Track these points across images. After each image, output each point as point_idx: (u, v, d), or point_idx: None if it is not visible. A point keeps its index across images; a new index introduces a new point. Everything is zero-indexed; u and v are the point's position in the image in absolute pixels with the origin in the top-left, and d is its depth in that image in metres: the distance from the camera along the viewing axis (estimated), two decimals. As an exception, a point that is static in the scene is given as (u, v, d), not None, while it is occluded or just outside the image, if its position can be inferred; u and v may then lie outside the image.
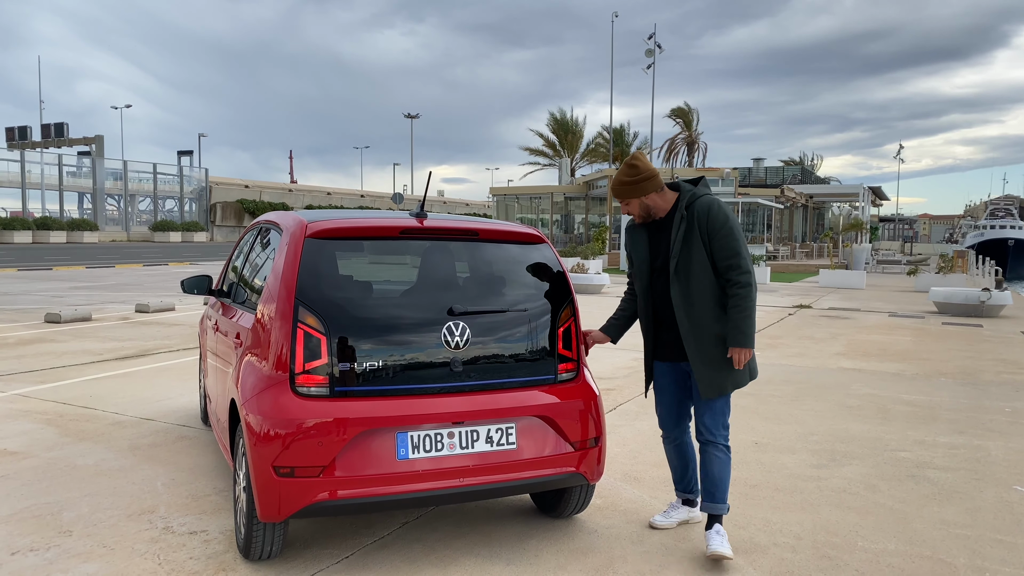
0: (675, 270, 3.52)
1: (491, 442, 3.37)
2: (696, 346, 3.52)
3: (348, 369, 3.21)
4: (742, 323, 3.47)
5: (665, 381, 3.81)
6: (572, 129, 54.64)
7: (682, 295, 3.52)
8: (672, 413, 3.83)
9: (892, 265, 34.04)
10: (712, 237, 3.48)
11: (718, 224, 3.48)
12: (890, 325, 12.85)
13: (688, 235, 3.51)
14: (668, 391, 3.80)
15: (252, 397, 3.26)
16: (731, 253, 3.47)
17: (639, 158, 3.64)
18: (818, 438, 5.65)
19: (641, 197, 3.59)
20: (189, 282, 4.97)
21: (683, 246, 3.51)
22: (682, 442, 3.86)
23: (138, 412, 5.94)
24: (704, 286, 3.50)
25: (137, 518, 3.89)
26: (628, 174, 3.59)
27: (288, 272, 3.30)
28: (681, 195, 3.61)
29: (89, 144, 54.72)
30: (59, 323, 10.83)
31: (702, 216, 3.50)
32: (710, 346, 3.51)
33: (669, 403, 3.82)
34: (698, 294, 3.50)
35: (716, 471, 3.59)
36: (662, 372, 3.80)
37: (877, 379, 8.01)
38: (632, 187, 3.58)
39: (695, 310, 3.51)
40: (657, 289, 3.67)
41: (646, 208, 3.62)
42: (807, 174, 57.46)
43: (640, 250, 3.72)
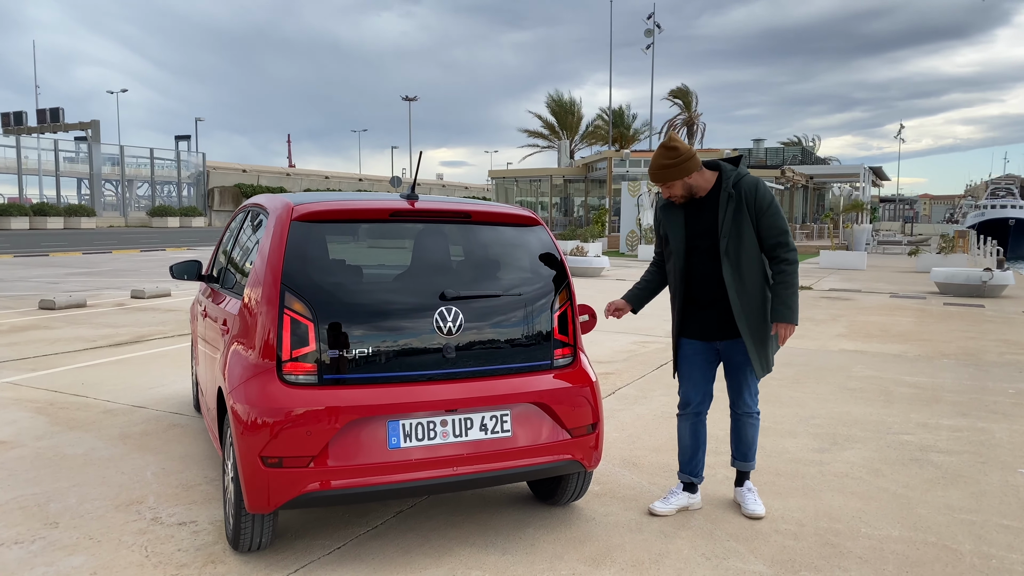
0: (725, 250, 3.55)
1: (485, 430, 3.28)
2: (749, 324, 3.58)
3: (337, 356, 3.12)
4: (789, 299, 3.55)
5: (697, 359, 3.82)
6: (571, 111, 54.32)
7: (734, 274, 3.56)
8: (699, 390, 3.84)
9: (893, 246, 33.90)
10: (760, 216, 3.54)
11: (765, 203, 3.54)
12: (891, 306, 12.76)
13: (737, 214, 3.55)
14: (699, 368, 3.82)
15: (238, 385, 3.17)
16: (779, 231, 3.56)
17: (676, 140, 3.61)
18: (819, 421, 5.57)
19: (684, 178, 3.57)
20: (178, 267, 4.87)
21: (733, 225, 3.54)
22: (700, 422, 3.89)
23: (130, 400, 5.85)
24: (754, 264, 3.57)
25: (125, 509, 3.81)
26: (669, 157, 3.55)
27: (274, 257, 3.20)
28: (723, 174, 3.62)
29: (85, 129, 54.41)
30: (53, 309, 10.73)
31: (750, 195, 3.55)
32: (761, 323, 3.60)
33: (698, 380, 3.83)
34: (748, 272, 3.57)
35: (750, 436, 3.87)
36: (693, 350, 3.82)
37: (879, 361, 7.93)
38: (674, 169, 3.55)
39: (746, 288, 3.57)
40: (695, 268, 3.69)
41: (688, 188, 3.61)
42: (807, 155, 57.16)
43: (677, 229, 3.71)
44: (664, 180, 3.60)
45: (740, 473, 3.97)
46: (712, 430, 4.49)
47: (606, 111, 50.23)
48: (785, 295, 3.56)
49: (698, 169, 3.58)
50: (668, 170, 3.55)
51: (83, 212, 47.07)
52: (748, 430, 3.88)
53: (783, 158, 51.27)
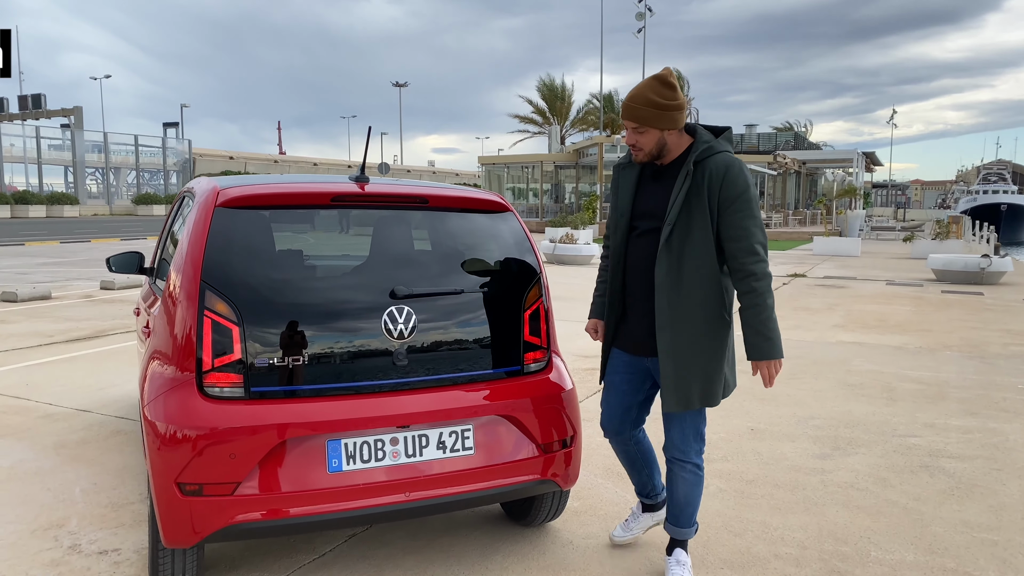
0: (667, 238, 2.70)
1: (443, 448, 2.85)
2: (671, 341, 2.72)
3: (267, 365, 2.67)
4: (766, 326, 2.69)
5: (616, 378, 3.02)
6: (562, 96, 53.73)
7: (669, 273, 2.71)
8: (615, 416, 3.06)
9: (886, 232, 33.55)
10: (725, 207, 2.66)
11: (735, 192, 2.65)
12: (888, 294, 12.38)
13: (692, 197, 2.68)
14: (618, 390, 3.03)
15: (154, 399, 2.72)
16: (747, 234, 2.66)
17: (674, 76, 2.70)
18: (819, 422, 5.17)
19: (664, 130, 2.73)
20: (117, 260, 4.40)
21: (683, 210, 2.68)
22: (630, 448, 3.14)
23: (75, 402, 5.40)
24: (700, 267, 2.69)
25: (42, 534, 3.37)
26: (663, 95, 2.67)
27: (194, 250, 2.75)
28: (695, 143, 2.74)
29: (68, 116, 53.45)
30: (15, 302, 10.24)
31: (715, 177, 2.66)
32: (687, 346, 2.73)
33: (615, 404, 3.05)
34: (690, 276, 2.70)
35: (682, 493, 2.94)
36: (617, 365, 3.02)
37: (879, 353, 7.53)
38: (662, 114, 2.68)
39: (681, 296, 2.71)
40: (633, 254, 2.87)
41: (661, 146, 2.76)
42: (800, 140, 56.75)
43: (624, 197, 2.89)
44: (642, 121, 2.70)
45: (673, 540, 3.04)
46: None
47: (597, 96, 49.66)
48: (759, 322, 2.69)
49: (681, 127, 2.75)
50: (654, 111, 2.68)
51: (66, 200, 46.26)
52: (678, 485, 2.93)
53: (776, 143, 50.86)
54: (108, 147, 57.07)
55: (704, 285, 2.71)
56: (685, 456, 2.90)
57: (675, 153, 2.78)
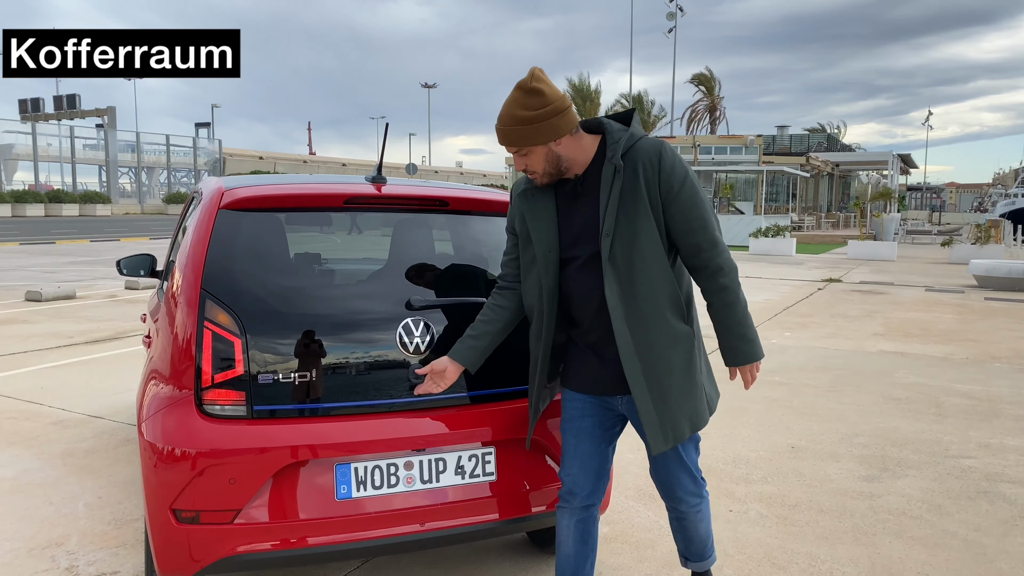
0: (610, 255, 2.24)
1: (462, 473, 2.61)
2: (644, 371, 2.26)
3: (272, 381, 2.45)
4: (741, 326, 2.32)
5: (585, 424, 2.46)
6: (589, 96, 53.37)
7: (623, 294, 2.25)
8: (591, 471, 2.47)
9: (922, 235, 32.72)
10: (671, 198, 2.22)
11: (679, 176, 2.22)
12: (929, 301, 11.93)
13: (627, 198, 2.22)
14: (591, 436, 2.47)
15: (150, 416, 2.51)
16: (704, 222, 2.24)
17: (543, 79, 2.21)
18: (865, 440, 4.85)
19: (550, 143, 2.24)
20: (127, 262, 4.24)
21: (622, 216, 2.22)
22: (591, 519, 2.53)
23: (87, 408, 5.25)
24: (655, 277, 2.25)
25: (39, 553, 3.19)
26: (529, 105, 2.18)
27: (195, 256, 2.54)
28: (608, 138, 2.28)
29: (101, 116, 54.09)
30: (39, 301, 10.19)
31: (651, 166, 2.21)
32: (664, 371, 2.27)
33: (588, 454, 2.47)
34: (646, 291, 2.24)
35: (703, 529, 2.58)
36: (578, 410, 2.47)
37: (923, 364, 7.17)
38: (535, 127, 2.19)
39: (642, 317, 2.25)
40: (573, 288, 2.36)
41: (556, 161, 2.28)
42: (833, 141, 55.86)
43: (544, 227, 2.36)
44: (518, 142, 2.24)
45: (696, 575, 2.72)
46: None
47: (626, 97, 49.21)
48: (735, 322, 2.31)
49: (572, 131, 2.25)
50: (526, 128, 2.20)
51: (99, 199, 46.80)
52: (699, 525, 2.56)
53: (808, 145, 50.10)
54: (140, 147, 57.74)
55: (664, 297, 2.27)
56: (699, 497, 2.52)
57: (584, 159, 2.30)
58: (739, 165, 37.00)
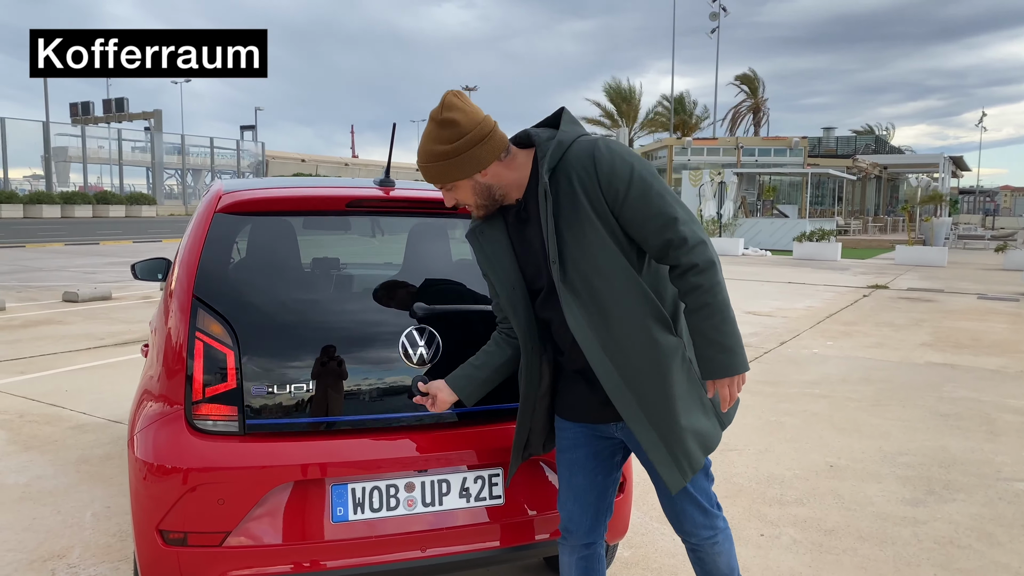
0: (564, 281, 1.99)
1: (467, 496, 2.44)
2: (639, 402, 1.99)
3: (265, 396, 2.32)
4: (719, 332, 1.95)
5: (582, 452, 2.23)
6: (629, 98, 52.89)
7: (590, 321, 1.99)
8: (588, 506, 2.26)
9: (974, 240, 31.71)
10: (619, 202, 1.92)
11: (621, 181, 1.91)
12: (981, 309, 11.45)
13: (569, 215, 1.96)
14: (586, 468, 2.24)
15: (140, 431, 2.39)
16: (662, 215, 1.92)
17: (458, 103, 1.96)
18: (909, 459, 4.57)
19: (475, 175, 2.01)
20: (142, 266, 4.14)
21: (567, 236, 1.97)
22: (594, 555, 2.33)
23: (108, 412, 5.20)
24: (625, 292, 1.97)
25: (40, 565, 3.10)
26: (444, 138, 1.96)
27: (188, 262, 2.42)
28: (538, 149, 2.03)
29: (148, 119, 55.37)
30: (76, 302, 10.31)
31: (585, 174, 1.93)
32: (661, 396, 1.99)
33: (584, 488, 2.25)
34: (617, 309, 1.98)
35: (724, 564, 2.24)
36: (576, 437, 2.24)
37: (974, 378, 6.81)
38: (453, 162, 1.97)
39: (620, 338, 1.99)
40: (550, 318, 2.13)
41: (485, 192, 2.05)
42: (881, 144, 54.58)
43: (501, 265, 2.15)
44: (438, 180, 2.04)
45: None
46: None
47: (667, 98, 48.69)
48: (711, 327, 1.94)
49: (498, 156, 2.00)
50: (445, 164, 1.98)
51: (144, 200, 47.74)
52: (719, 560, 2.23)
53: (855, 147, 49.03)
54: (186, 149, 58.86)
55: (640, 311, 1.98)
56: (714, 530, 2.20)
57: (521, 180, 2.06)
58: (783, 167, 36.31)
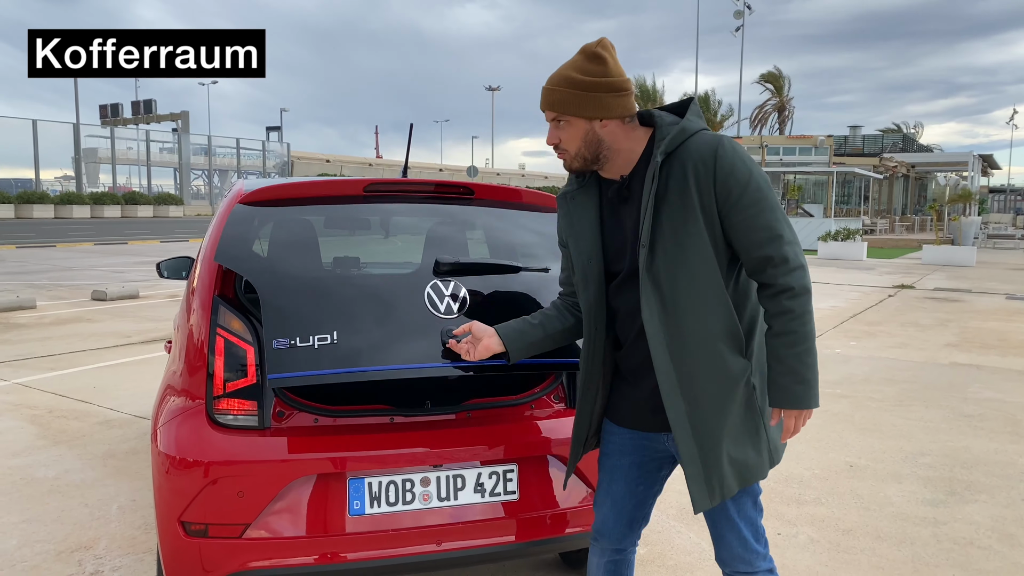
0: (649, 270, 1.88)
1: (482, 491, 2.47)
2: (688, 412, 1.88)
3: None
4: (802, 363, 1.85)
5: (626, 460, 2.13)
6: (652, 97, 52.64)
7: (665, 319, 1.88)
8: (623, 514, 2.17)
9: (1005, 240, 31.25)
10: (730, 204, 1.83)
11: (741, 178, 1.82)
12: (1009, 310, 11.29)
13: (675, 204, 1.85)
14: (628, 476, 2.14)
15: (163, 425, 2.46)
16: (771, 232, 1.83)
17: (609, 48, 1.90)
18: (931, 460, 4.54)
19: (592, 119, 1.90)
20: (167, 264, 4.23)
21: (657, 225, 1.86)
22: (624, 560, 2.27)
23: (134, 408, 5.30)
24: (707, 301, 1.87)
25: (67, 556, 3.18)
26: (586, 70, 1.87)
27: (210, 259, 2.48)
28: (658, 130, 1.93)
29: (175, 120, 56.09)
30: (104, 301, 10.49)
31: (704, 166, 1.83)
32: (714, 412, 1.88)
33: (622, 495, 2.15)
34: (694, 317, 1.87)
35: None
36: (623, 444, 2.13)
37: (1000, 379, 6.73)
38: (584, 96, 1.88)
39: (689, 346, 1.88)
40: (618, 305, 2.03)
41: (595, 144, 1.93)
42: (909, 142, 53.91)
43: (585, 235, 2.04)
44: (559, 108, 1.91)
45: None
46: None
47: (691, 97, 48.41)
48: (794, 356, 1.84)
49: (624, 115, 1.92)
50: (574, 93, 1.88)
51: (171, 201, 48.36)
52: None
53: (882, 145, 48.47)
54: (212, 150, 59.56)
55: (717, 325, 1.88)
56: (752, 567, 2.03)
57: (631, 156, 1.96)
58: (808, 166, 35.96)
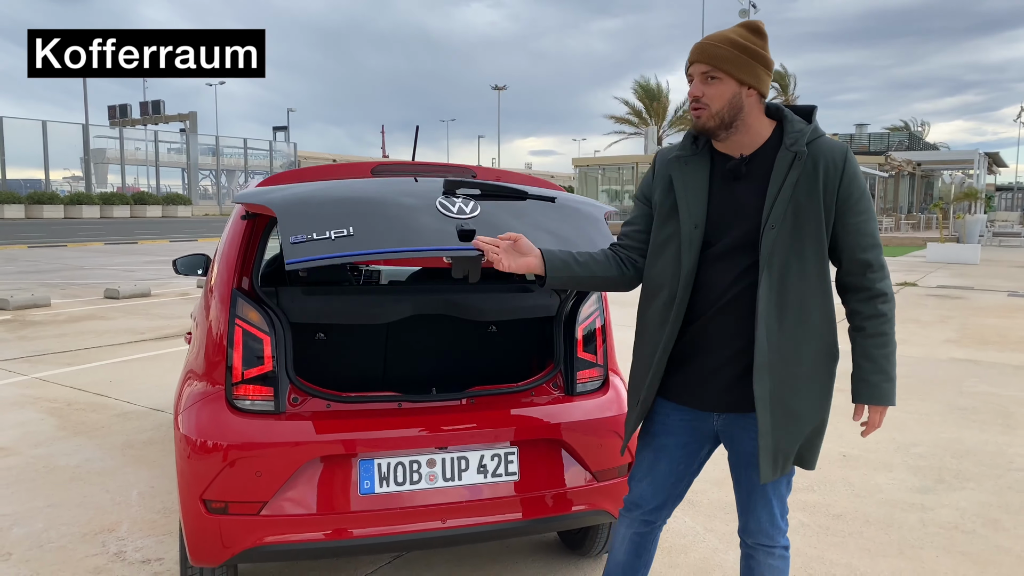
0: (771, 251, 1.95)
1: (484, 472, 2.63)
2: (771, 389, 1.97)
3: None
4: (889, 363, 2.04)
5: (672, 440, 2.20)
6: (658, 96, 52.71)
7: (771, 296, 1.96)
8: (661, 491, 2.25)
9: (1011, 238, 31.22)
10: (848, 208, 1.98)
11: (860, 188, 1.99)
12: (1010, 306, 11.39)
13: (802, 192, 1.95)
14: (672, 456, 2.21)
15: (184, 410, 2.62)
16: (872, 240, 2.01)
17: (765, 33, 2.03)
18: (922, 450, 4.67)
19: (741, 84, 1.97)
20: (183, 262, 4.41)
21: (791, 209, 1.95)
22: (650, 536, 2.36)
23: (150, 401, 5.48)
24: (811, 288, 1.98)
25: (92, 538, 3.35)
26: (747, 38, 1.98)
27: (228, 250, 2.65)
28: (787, 126, 2.02)
29: (183, 121, 56.42)
30: (117, 299, 10.68)
31: (834, 167, 1.96)
32: (792, 392, 1.99)
33: (666, 474, 2.23)
34: (797, 300, 1.97)
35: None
36: (672, 423, 2.19)
37: (996, 373, 6.85)
38: (745, 60, 1.96)
39: (786, 327, 1.97)
40: (710, 281, 2.04)
41: (736, 109, 1.98)
42: (915, 140, 53.79)
43: (694, 201, 2.06)
44: (719, 62, 1.96)
45: None
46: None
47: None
48: (883, 356, 2.03)
49: (765, 94, 2.03)
50: (736, 53, 1.96)
51: (180, 201, 48.71)
52: (762, 574, 2.22)
53: (888, 143, 48.42)
54: (220, 150, 59.90)
55: (816, 311, 2.00)
56: (772, 541, 2.17)
57: (756, 137, 2.03)
58: (813, 165, 35.80)
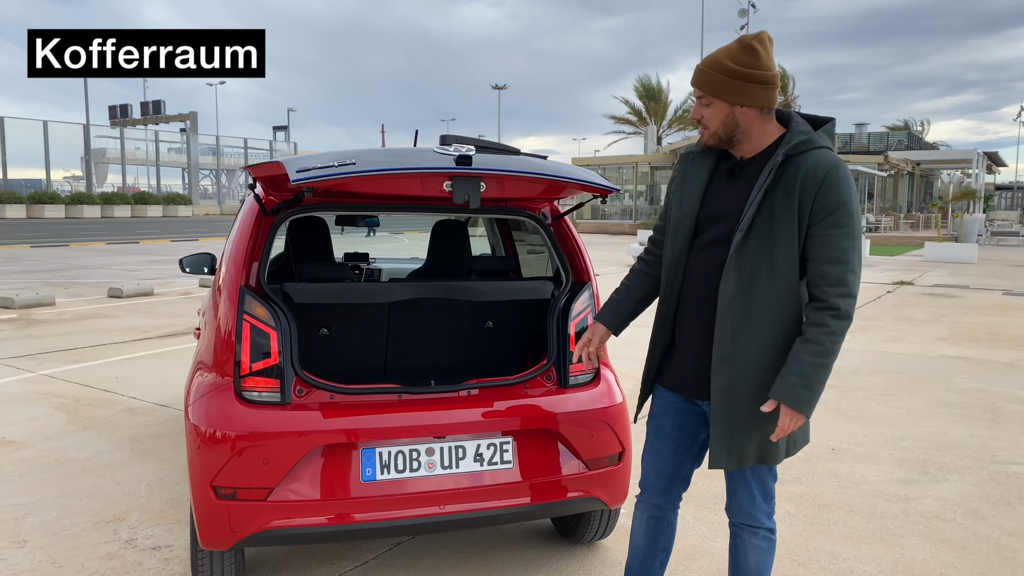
0: (739, 247, 2.08)
1: (481, 460, 2.76)
2: (729, 380, 2.11)
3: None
4: (815, 372, 2.03)
5: (669, 422, 2.37)
6: (658, 96, 52.80)
7: (737, 293, 2.09)
8: (665, 471, 2.41)
9: (1009, 237, 31.34)
10: (820, 218, 2.03)
11: (837, 200, 2.02)
12: (1004, 305, 11.51)
13: (777, 199, 2.06)
14: (670, 437, 2.37)
15: (194, 401, 2.75)
16: (842, 257, 2.03)
17: (765, 43, 2.09)
18: (909, 444, 4.80)
19: (736, 104, 2.10)
20: (190, 260, 4.52)
21: (761, 213, 2.07)
22: (664, 521, 2.48)
23: (156, 397, 5.61)
24: (778, 290, 2.08)
25: (103, 527, 3.48)
26: (739, 60, 2.07)
27: (236, 249, 2.77)
28: (789, 133, 2.12)
29: (184, 121, 56.53)
30: (120, 298, 10.81)
31: (813, 177, 2.03)
32: (750, 388, 2.10)
33: (666, 455, 2.38)
34: (764, 300, 2.08)
35: (753, 563, 2.35)
36: (665, 407, 2.38)
37: (985, 370, 6.98)
38: (732, 83, 2.08)
39: (751, 324, 2.09)
40: (695, 269, 2.22)
41: (731, 127, 2.13)
42: (915, 139, 53.90)
43: (690, 194, 2.25)
44: (708, 89, 2.11)
45: None
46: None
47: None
48: (811, 364, 2.02)
49: (764, 106, 2.11)
50: (723, 78, 2.08)
51: (181, 201, 48.83)
52: (750, 554, 2.34)
53: (887, 143, 48.51)
54: (220, 150, 60.03)
55: (781, 313, 2.08)
56: (755, 521, 2.31)
57: (758, 144, 2.15)
58: (812, 164, 35.91)
